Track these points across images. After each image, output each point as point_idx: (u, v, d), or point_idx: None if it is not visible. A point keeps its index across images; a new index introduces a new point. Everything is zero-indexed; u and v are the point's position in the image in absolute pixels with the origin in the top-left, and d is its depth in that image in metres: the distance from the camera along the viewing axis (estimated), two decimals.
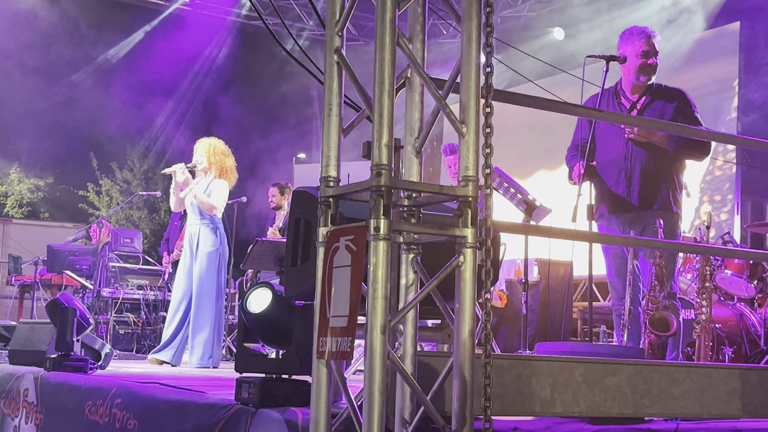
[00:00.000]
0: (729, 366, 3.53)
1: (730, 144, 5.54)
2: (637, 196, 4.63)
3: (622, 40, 4.81)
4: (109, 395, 3.67)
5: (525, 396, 2.61)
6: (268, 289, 2.91)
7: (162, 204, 16.03)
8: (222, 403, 2.96)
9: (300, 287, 2.53)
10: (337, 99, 2.13)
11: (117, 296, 8.74)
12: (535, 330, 6.74)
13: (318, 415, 2.06)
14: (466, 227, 2.01)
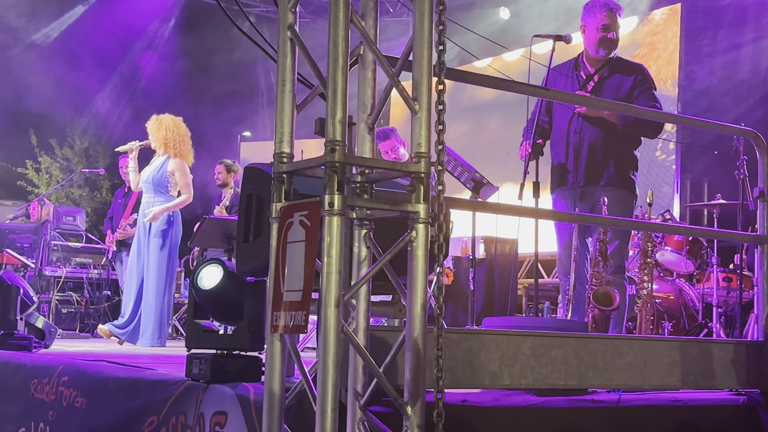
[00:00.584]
0: (670, 339, 3.64)
1: (674, 123, 5.66)
2: (584, 172, 4.66)
3: (585, 11, 4.80)
4: (55, 373, 3.64)
5: (474, 369, 2.67)
6: (219, 266, 2.91)
7: (104, 182, 15.78)
8: (172, 379, 2.95)
9: (252, 263, 2.54)
10: (290, 75, 2.13)
11: (59, 275, 8.61)
12: (481, 306, 6.83)
13: (272, 388, 2.08)
14: (418, 203, 2.04)
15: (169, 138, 6.48)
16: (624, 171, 4.69)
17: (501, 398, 2.78)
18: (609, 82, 4.74)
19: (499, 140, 10.23)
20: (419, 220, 2.04)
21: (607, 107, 4.32)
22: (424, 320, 2.04)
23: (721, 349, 3.20)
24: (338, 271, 1.92)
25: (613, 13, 4.73)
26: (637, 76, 4.75)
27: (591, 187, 4.66)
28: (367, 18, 2.23)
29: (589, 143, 4.67)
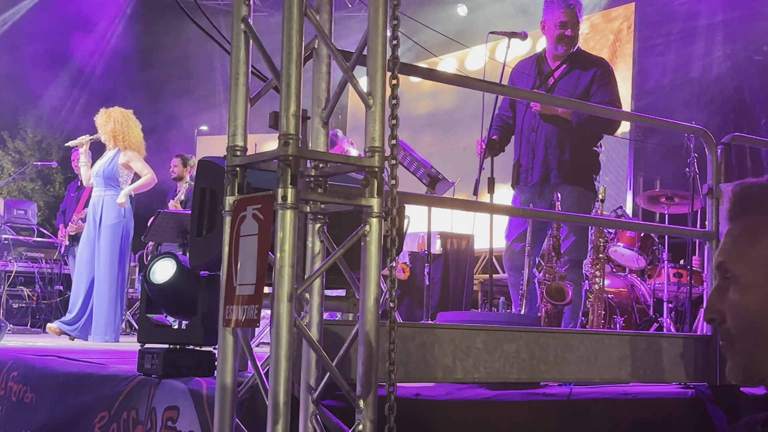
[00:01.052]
0: (620, 333, 3.70)
1: (627, 120, 5.74)
2: (539, 169, 4.67)
3: (545, 6, 4.81)
4: (4, 369, 3.59)
5: (428, 363, 2.68)
6: (172, 260, 2.89)
7: (57, 175, 15.54)
8: (124, 374, 2.93)
9: (205, 258, 2.53)
10: (244, 68, 2.12)
11: (10, 269, 8.46)
12: (437, 301, 6.86)
13: (224, 383, 2.07)
14: (372, 197, 2.05)
15: (118, 131, 6.40)
16: (580, 168, 4.71)
17: (454, 392, 2.80)
18: (568, 78, 4.76)
19: (456, 137, 10.30)
20: (373, 214, 2.05)
21: (560, 105, 4.35)
22: (376, 314, 2.05)
23: (669, 344, 3.25)
24: (291, 265, 1.92)
25: (571, 9, 4.74)
26: (597, 71, 4.75)
27: (547, 185, 4.68)
28: (321, 12, 2.22)
29: (545, 141, 4.68)
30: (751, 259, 1.12)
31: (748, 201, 1.14)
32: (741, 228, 1.15)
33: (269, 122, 2.10)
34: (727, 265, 1.15)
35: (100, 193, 6.38)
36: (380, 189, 2.05)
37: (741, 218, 1.15)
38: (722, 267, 1.15)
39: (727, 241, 1.16)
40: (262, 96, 2.19)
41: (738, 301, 1.12)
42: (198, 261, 2.58)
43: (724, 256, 1.15)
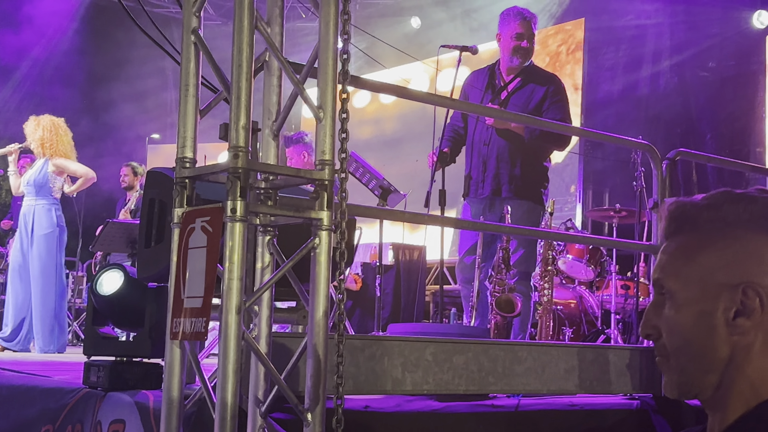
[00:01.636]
0: (567, 344, 3.74)
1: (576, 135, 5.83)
2: (490, 183, 4.71)
3: (501, 20, 4.85)
4: None
5: (377, 375, 2.69)
6: (119, 271, 2.86)
7: (4, 183, 15.27)
8: (69, 386, 2.89)
9: (153, 269, 2.50)
10: (194, 80, 2.12)
11: None
12: (389, 312, 6.87)
13: (170, 396, 2.05)
14: (321, 210, 2.05)
15: (46, 139, 6.29)
16: (531, 182, 4.75)
17: (403, 404, 2.81)
18: (521, 93, 4.80)
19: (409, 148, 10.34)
20: (322, 227, 2.05)
21: (513, 119, 4.38)
22: (325, 327, 2.05)
23: (616, 355, 3.30)
24: (239, 277, 1.92)
25: (527, 22, 4.79)
26: (549, 87, 4.81)
27: (498, 198, 4.72)
28: (272, 25, 2.23)
29: (497, 154, 4.72)
30: (686, 276, 1.15)
31: (682, 219, 1.17)
32: (676, 246, 1.17)
33: (219, 133, 2.10)
34: (662, 282, 1.17)
35: (31, 202, 6.24)
36: (330, 202, 2.06)
37: (676, 236, 1.18)
38: (658, 283, 1.18)
39: (662, 258, 1.19)
40: (212, 108, 2.19)
41: (673, 317, 1.15)
42: (146, 272, 2.56)
43: (660, 272, 1.18)
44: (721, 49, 9.00)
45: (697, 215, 1.16)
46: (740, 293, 1.11)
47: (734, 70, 9.10)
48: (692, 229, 1.16)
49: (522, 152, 4.73)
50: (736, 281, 1.11)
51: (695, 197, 1.17)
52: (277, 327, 4.64)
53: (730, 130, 9.03)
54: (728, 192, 1.17)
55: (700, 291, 1.13)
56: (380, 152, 10.93)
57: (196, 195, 2.11)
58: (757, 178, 8.09)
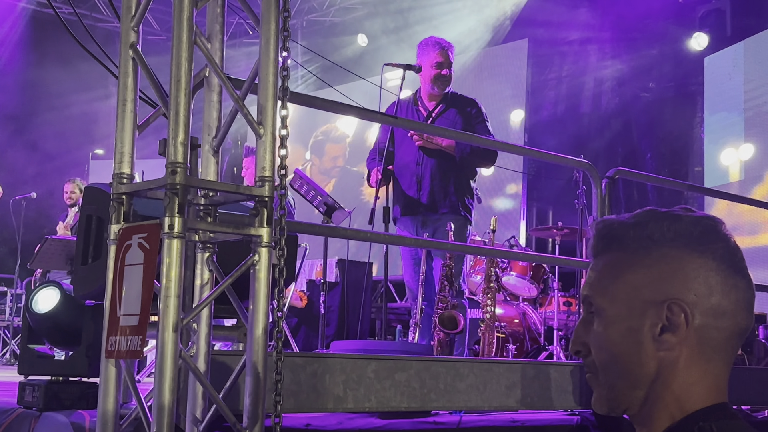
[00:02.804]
0: (509, 361, 3.77)
1: (518, 154, 5.89)
2: (426, 200, 4.82)
3: (420, 49, 4.99)
4: None
5: (319, 393, 2.68)
6: (56, 288, 2.81)
7: None
8: (3, 407, 2.82)
9: (91, 286, 2.46)
10: (131, 95, 2.09)
11: None
12: (334, 330, 6.84)
13: (105, 416, 2.02)
14: (261, 227, 2.04)
15: None
16: (462, 199, 4.90)
17: (345, 421, 2.80)
18: (445, 117, 4.94)
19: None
20: (262, 243, 2.04)
21: (451, 136, 4.47)
22: (264, 344, 2.03)
23: (557, 371, 3.33)
24: (177, 294, 1.89)
25: (445, 51, 4.94)
26: (471, 110, 4.97)
27: (433, 215, 4.83)
28: (213, 40, 2.22)
29: (431, 173, 4.85)
30: (614, 293, 1.17)
31: (610, 237, 1.19)
32: (604, 263, 1.19)
33: (159, 149, 2.08)
34: (591, 299, 1.19)
35: None
36: (270, 218, 2.05)
37: (604, 254, 1.20)
38: (587, 300, 1.20)
39: (591, 276, 1.20)
40: (150, 123, 2.16)
41: (601, 333, 1.17)
42: (82, 290, 2.51)
43: (589, 290, 1.20)
44: (661, 70, 9.22)
45: (623, 233, 1.18)
46: (666, 309, 1.13)
47: (673, 90, 9.32)
48: (619, 248, 1.18)
49: (454, 170, 4.87)
50: (662, 298, 1.13)
51: (622, 216, 1.20)
52: (221, 345, 4.59)
53: (670, 149, 9.24)
54: (654, 211, 1.19)
55: (627, 308, 1.15)
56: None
57: (134, 211, 2.09)
58: (694, 196, 8.28)
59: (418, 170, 4.84)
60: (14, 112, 13.09)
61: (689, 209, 1.19)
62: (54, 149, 12.41)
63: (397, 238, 3.56)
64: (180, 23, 1.96)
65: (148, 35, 11.41)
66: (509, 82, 9.47)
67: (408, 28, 10.38)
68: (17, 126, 13.25)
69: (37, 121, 12.92)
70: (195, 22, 2.02)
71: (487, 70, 9.54)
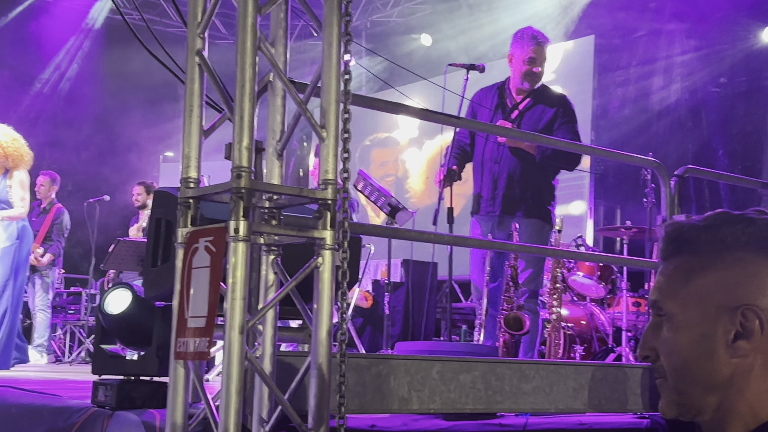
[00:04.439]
0: (576, 363, 3.73)
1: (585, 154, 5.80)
2: (501, 201, 4.68)
3: (514, 40, 4.81)
4: None
5: (383, 394, 2.68)
6: (127, 290, 2.87)
7: None
8: (77, 406, 2.89)
9: (160, 288, 2.52)
10: (198, 100, 2.13)
11: None
12: (399, 330, 6.86)
13: (174, 416, 2.06)
14: (324, 229, 2.06)
15: (10, 151, 6.07)
16: (540, 201, 4.74)
17: (410, 423, 2.80)
18: (531, 113, 4.77)
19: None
20: (325, 246, 2.06)
21: (526, 138, 4.37)
22: (328, 346, 2.05)
23: (625, 373, 3.28)
24: (243, 297, 1.92)
25: (540, 47, 4.76)
26: (559, 109, 4.78)
27: (507, 217, 4.68)
28: (277, 45, 2.25)
29: (508, 173, 4.69)
30: (684, 298, 1.15)
31: (680, 241, 1.17)
32: (674, 267, 1.17)
33: (225, 153, 2.11)
34: (660, 304, 1.17)
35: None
36: (333, 221, 2.06)
37: (674, 257, 1.18)
38: (656, 305, 1.18)
39: (660, 280, 1.18)
40: (216, 128, 2.20)
41: (671, 339, 1.15)
42: (152, 291, 2.57)
43: (658, 294, 1.18)
44: (732, 65, 8.99)
45: (695, 237, 1.16)
46: (740, 315, 1.10)
47: (746, 85, 9.08)
48: (690, 251, 1.16)
49: (533, 171, 4.71)
50: (736, 303, 1.11)
51: (693, 218, 1.17)
52: (287, 346, 4.64)
53: (743, 146, 9.00)
54: (726, 213, 1.17)
55: (699, 313, 1.13)
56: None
57: (201, 214, 2.13)
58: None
59: (495, 168, 4.70)
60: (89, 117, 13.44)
61: (763, 212, 1.16)
62: (126, 152, 12.72)
63: (460, 239, 3.54)
64: (244, 29, 1.99)
65: (216, 39, 11.59)
66: (575, 78, 9.34)
67: (473, 27, 10.33)
68: (92, 129, 13.61)
69: (110, 124, 13.25)
70: (259, 27, 2.05)
71: (553, 67, 9.43)
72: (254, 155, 2.04)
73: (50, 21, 12.39)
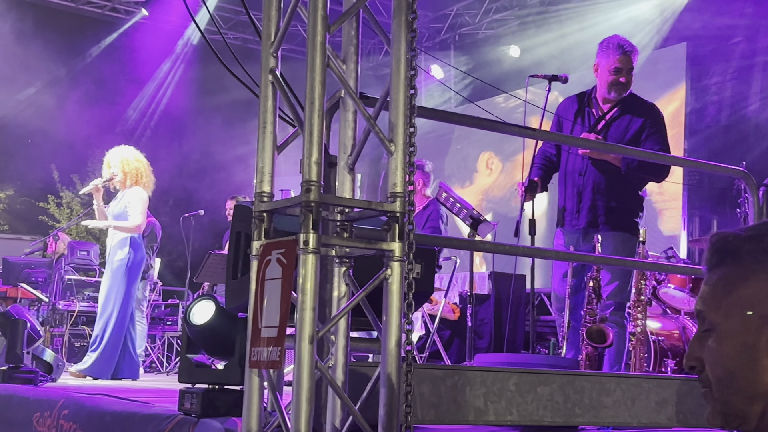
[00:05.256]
0: (658, 376, 3.65)
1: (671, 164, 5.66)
2: (586, 214, 4.60)
3: (600, 49, 4.73)
4: (56, 407, 3.69)
5: (459, 405, 2.70)
6: (211, 301, 2.96)
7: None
8: (165, 413, 3.00)
9: (240, 299, 2.59)
10: (271, 117, 2.20)
11: (72, 309, 8.66)
12: (487, 342, 6.83)
13: (250, 423, 2.12)
14: (393, 241, 2.09)
15: (127, 170, 6.32)
16: (626, 213, 4.64)
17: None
18: (618, 123, 4.68)
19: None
20: (394, 258, 2.09)
21: (609, 150, 4.29)
22: (398, 356, 2.08)
23: None
24: (313, 307, 1.97)
25: (627, 56, 4.66)
26: (647, 120, 4.67)
27: (592, 230, 4.59)
28: (348, 62, 2.30)
29: (593, 186, 4.61)
30: (727, 308, 1.14)
31: (724, 251, 1.17)
32: (718, 278, 1.17)
33: (300, 168, 2.17)
34: (704, 314, 1.17)
35: (112, 231, 6.33)
36: (402, 233, 2.10)
37: (718, 268, 1.17)
38: (701, 315, 1.17)
39: (705, 290, 1.18)
40: (289, 143, 2.27)
41: (715, 349, 1.14)
42: (233, 303, 2.66)
43: (702, 305, 1.17)
44: None
45: (738, 247, 1.15)
46: None
47: None
48: (733, 261, 1.15)
49: (619, 183, 4.61)
50: None
51: (738, 229, 1.17)
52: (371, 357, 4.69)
53: None
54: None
55: (742, 323, 1.12)
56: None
57: (274, 227, 2.19)
58: None
59: (579, 181, 4.61)
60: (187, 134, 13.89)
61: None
62: (223, 167, 13.07)
63: (537, 251, 3.52)
64: (314, 47, 2.05)
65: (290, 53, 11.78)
66: (667, 87, 9.15)
67: (562, 37, 10.24)
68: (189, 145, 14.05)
69: (206, 138, 13.64)
70: (330, 44, 2.11)
71: (643, 76, 9.24)
72: (326, 169, 2.10)
73: (147, 41, 12.88)
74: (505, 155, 11.37)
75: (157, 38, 12.97)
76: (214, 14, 10.68)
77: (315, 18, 2.03)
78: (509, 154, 11.11)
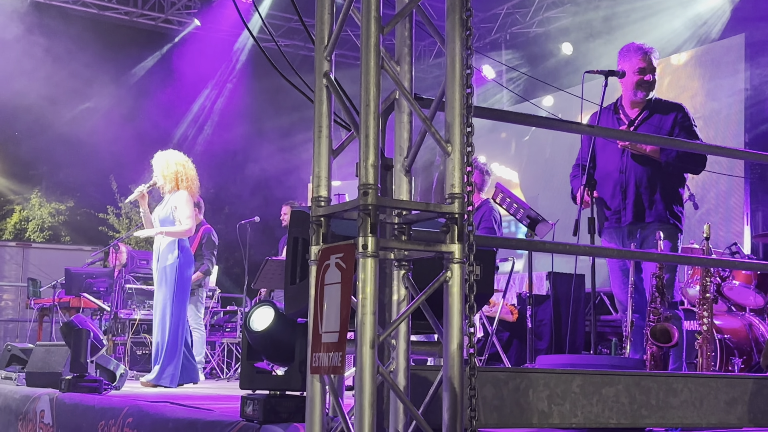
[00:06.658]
0: (727, 375, 3.55)
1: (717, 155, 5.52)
2: (632, 209, 4.68)
3: (621, 56, 4.88)
4: (121, 414, 3.74)
5: (522, 408, 2.66)
6: (270, 308, 2.97)
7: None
8: (228, 420, 3.01)
9: (299, 305, 2.59)
10: (326, 121, 2.19)
11: (133, 317, 8.79)
12: (547, 344, 6.75)
13: (313, 429, 2.11)
14: (452, 243, 2.07)
15: (166, 173, 6.28)
16: (670, 207, 4.72)
17: None
18: (648, 124, 4.78)
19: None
20: (454, 260, 2.06)
21: (652, 142, 4.34)
22: (460, 359, 2.05)
23: None
24: (373, 312, 1.95)
25: (648, 56, 4.80)
26: (677, 115, 4.79)
27: (639, 224, 4.68)
28: (402, 63, 2.28)
29: (635, 181, 4.71)
30: None
31: None
32: None
33: (356, 171, 2.16)
34: None
35: (160, 238, 6.28)
36: (461, 235, 2.07)
37: None
38: None
39: None
40: (344, 147, 2.25)
41: None
42: (292, 308, 2.65)
43: None
44: None
45: None
46: None
47: None
48: None
49: (660, 176, 4.71)
50: None
51: None
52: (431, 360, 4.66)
53: None
54: None
55: None
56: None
57: (332, 232, 2.18)
58: None
59: (621, 178, 4.73)
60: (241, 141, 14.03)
61: None
62: (278, 174, 13.17)
63: (599, 249, 3.46)
64: (368, 49, 2.04)
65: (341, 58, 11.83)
66: (726, 80, 8.95)
67: (614, 32, 10.08)
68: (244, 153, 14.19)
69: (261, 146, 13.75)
70: (384, 46, 2.09)
71: (701, 69, 9.07)
72: (382, 172, 2.08)
73: (200, 51, 13.04)
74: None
75: (210, 48, 13.12)
76: (265, 22, 10.76)
77: (369, 19, 2.02)
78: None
